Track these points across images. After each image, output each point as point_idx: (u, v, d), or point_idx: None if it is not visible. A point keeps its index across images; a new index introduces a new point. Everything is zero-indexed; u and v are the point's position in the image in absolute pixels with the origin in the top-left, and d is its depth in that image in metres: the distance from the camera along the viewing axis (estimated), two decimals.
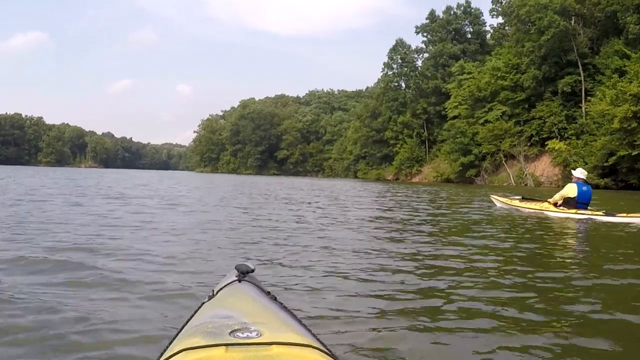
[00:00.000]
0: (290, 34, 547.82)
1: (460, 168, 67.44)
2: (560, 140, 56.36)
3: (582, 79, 57.07)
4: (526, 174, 59.36)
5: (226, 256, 7.02)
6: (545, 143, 58.47)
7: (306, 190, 33.15)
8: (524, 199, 17.55)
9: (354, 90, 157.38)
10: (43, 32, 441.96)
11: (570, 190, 14.22)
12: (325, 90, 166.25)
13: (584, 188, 14.21)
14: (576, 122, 56.30)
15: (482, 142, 64.35)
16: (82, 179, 42.35)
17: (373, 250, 7.85)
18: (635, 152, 44.35)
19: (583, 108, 56.41)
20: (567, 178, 49.55)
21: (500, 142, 61.73)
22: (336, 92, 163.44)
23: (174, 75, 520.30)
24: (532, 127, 60.90)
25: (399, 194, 30.19)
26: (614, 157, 46.61)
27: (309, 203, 20.06)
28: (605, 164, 47.91)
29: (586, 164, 50.41)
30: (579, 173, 14.57)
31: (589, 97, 54.81)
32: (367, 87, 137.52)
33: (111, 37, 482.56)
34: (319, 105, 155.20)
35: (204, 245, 8.03)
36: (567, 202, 14.26)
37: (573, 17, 59.84)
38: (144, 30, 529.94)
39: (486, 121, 64.57)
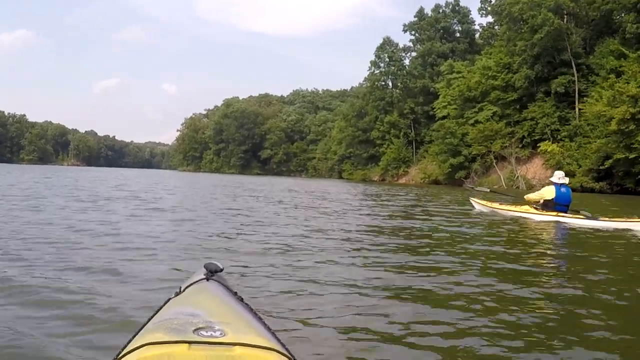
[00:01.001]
0: (275, 34, 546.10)
1: (450, 170, 65.36)
2: (552, 142, 54.60)
3: (576, 79, 55.34)
4: (518, 176, 57.53)
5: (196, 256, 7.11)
6: (538, 145, 56.57)
7: (295, 193, 31.27)
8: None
9: (339, 89, 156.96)
10: (29, 30, 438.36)
11: (548, 192, 14.16)
12: (309, 90, 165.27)
13: (563, 189, 14.06)
14: (569, 124, 54.49)
15: (472, 143, 62.29)
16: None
17: (346, 255, 7.73)
18: (632, 155, 42.52)
19: (576, 109, 54.71)
20: None
21: (491, 143, 59.73)
22: (320, 92, 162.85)
23: (159, 74, 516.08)
24: (524, 129, 58.96)
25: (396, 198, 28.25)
26: (610, 161, 44.85)
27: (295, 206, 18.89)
28: (601, 167, 46.19)
29: (580, 166, 48.99)
30: (557, 178, 14.28)
31: (584, 98, 52.88)
32: (352, 87, 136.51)
33: (97, 36, 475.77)
34: (303, 105, 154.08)
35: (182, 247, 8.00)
36: (546, 205, 14.13)
37: (565, 17, 58.18)
38: (130, 29, 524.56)
39: (476, 122, 62.59)
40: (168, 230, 10.07)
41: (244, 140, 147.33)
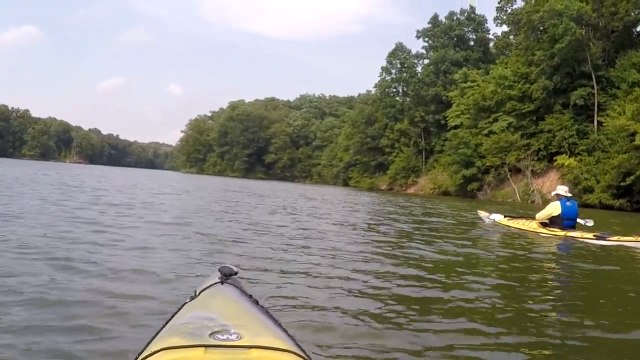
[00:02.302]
0: (283, 38, 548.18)
1: (462, 181, 62.98)
2: (569, 156, 52.74)
3: (596, 92, 53.51)
4: (533, 190, 55.66)
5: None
6: (554, 158, 54.64)
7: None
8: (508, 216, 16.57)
9: (346, 96, 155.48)
10: (37, 27, 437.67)
11: (554, 208, 14.05)
12: (316, 95, 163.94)
13: (568, 203, 13.99)
14: (588, 138, 52.59)
15: (486, 155, 60.37)
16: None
17: (359, 259, 8.11)
18: None
19: (595, 123, 52.94)
20: (576, 196, 46.99)
21: (506, 155, 57.94)
22: (327, 97, 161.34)
23: (165, 75, 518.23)
24: (540, 141, 56.97)
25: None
26: (632, 177, 43.12)
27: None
28: (622, 184, 44.42)
29: (598, 182, 47.26)
30: (560, 190, 14.33)
31: (607, 112, 50.81)
32: (359, 94, 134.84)
33: (104, 35, 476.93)
34: (309, 110, 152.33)
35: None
36: (554, 221, 13.98)
37: (584, 28, 56.36)
38: (137, 30, 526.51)
39: (490, 132, 60.73)
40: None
41: (249, 143, 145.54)
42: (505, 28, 77.97)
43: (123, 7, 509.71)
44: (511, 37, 77.01)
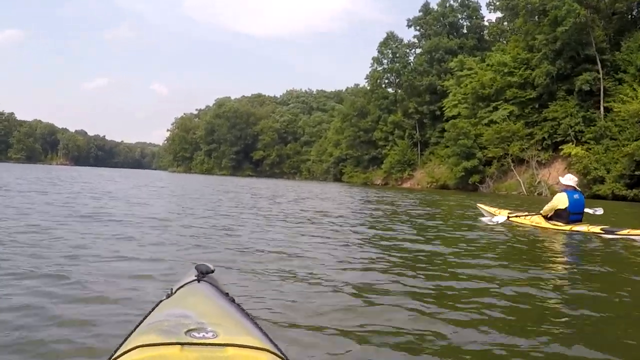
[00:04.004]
0: (268, 35, 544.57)
1: (463, 173, 59.96)
2: (576, 145, 50.00)
3: (601, 76, 50.73)
4: (539, 181, 52.88)
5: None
6: (560, 147, 51.81)
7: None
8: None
9: (333, 90, 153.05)
10: (19, 29, 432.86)
11: (560, 200, 12.69)
12: (303, 90, 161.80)
13: (575, 196, 12.68)
14: (595, 125, 49.85)
15: (487, 145, 57.49)
16: None
17: (337, 257, 7.74)
18: None
19: (601, 109, 50.22)
20: (586, 187, 44.46)
21: (508, 145, 55.18)
22: (315, 92, 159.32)
23: (150, 74, 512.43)
24: (544, 130, 54.24)
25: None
26: None
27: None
28: (636, 173, 41.76)
29: (608, 172, 44.64)
30: (568, 180, 12.95)
31: (615, 97, 48.02)
32: (347, 87, 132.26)
33: (88, 35, 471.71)
34: (297, 105, 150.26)
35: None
36: (559, 215, 12.73)
37: (586, 10, 53.61)
38: (121, 28, 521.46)
39: (491, 122, 57.88)
40: None
41: (236, 141, 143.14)
42: (499, 14, 75.55)
43: (107, 5, 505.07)
44: (505, 23, 74.52)
